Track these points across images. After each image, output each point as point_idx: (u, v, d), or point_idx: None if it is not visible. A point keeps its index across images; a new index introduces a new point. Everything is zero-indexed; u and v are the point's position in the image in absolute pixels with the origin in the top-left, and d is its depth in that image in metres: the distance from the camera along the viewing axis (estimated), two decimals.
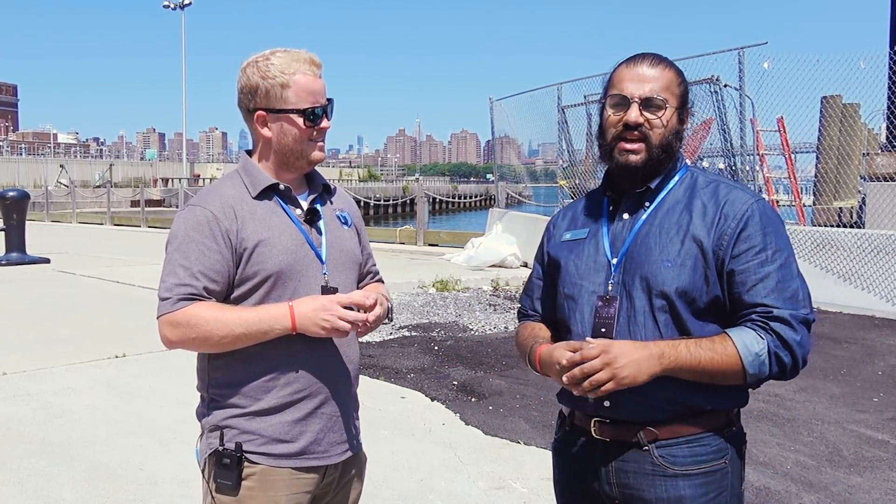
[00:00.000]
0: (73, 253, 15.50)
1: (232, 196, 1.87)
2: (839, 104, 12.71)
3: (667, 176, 1.78)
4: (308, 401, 1.89)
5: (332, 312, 1.78)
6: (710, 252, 1.67)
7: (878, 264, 9.06)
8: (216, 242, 1.81)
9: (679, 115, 1.76)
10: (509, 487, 4.04)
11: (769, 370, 1.62)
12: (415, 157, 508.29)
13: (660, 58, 1.76)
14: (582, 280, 1.79)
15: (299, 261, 1.87)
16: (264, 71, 1.85)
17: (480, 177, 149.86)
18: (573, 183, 13.59)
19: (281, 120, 1.87)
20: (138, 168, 70.35)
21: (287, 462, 1.87)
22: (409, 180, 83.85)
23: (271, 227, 1.86)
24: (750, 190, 1.77)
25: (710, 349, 1.61)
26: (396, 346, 7.41)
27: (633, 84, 1.72)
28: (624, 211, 1.80)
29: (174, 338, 1.81)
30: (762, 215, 1.69)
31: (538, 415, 5.26)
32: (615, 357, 1.56)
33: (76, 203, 31.71)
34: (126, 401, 5.46)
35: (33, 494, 3.87)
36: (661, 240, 1.71)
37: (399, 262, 14.18)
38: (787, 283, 1.65)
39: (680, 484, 1.69)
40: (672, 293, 1.67)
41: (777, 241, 1.68)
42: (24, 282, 11.49)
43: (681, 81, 1.76)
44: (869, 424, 5.09)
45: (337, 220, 2.01)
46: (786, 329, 1.61)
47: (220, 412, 1.89)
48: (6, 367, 6.23)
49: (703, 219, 1.70)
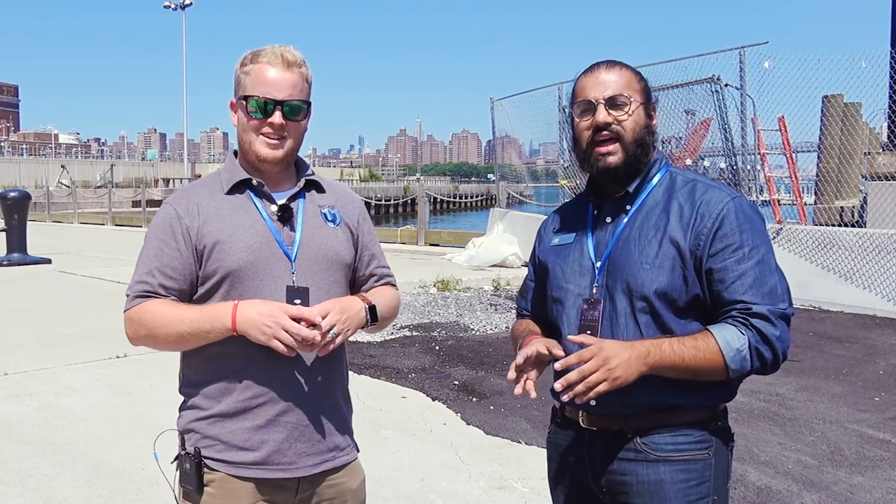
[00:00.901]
0: (74, 253, 15.52)
1: (202, 193, 1.85)
2: (841, 103, 12.71)
3: (646, 177, 1.82)
4: (268, 407, 1.79)
5: (276, 320, 1.67)
6: (688, 252, 1.71)
7: (879, 264, 9.05)
8: (174, 239, 1.79)
9: (646, 110, 1.80)
10: (510, 487, 4.03)
11: (750, 365, 1.65)
12: (416, 156, 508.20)
13: (614, 62, 1.83)
14: (568, 284, 1.85)
15: (262, 259, 1.78)
16: (242, 61, 1.85)
17: (481, 177, 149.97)
18: (574, 182, 13.59)
19: (238, 108, 1.84)
20: (139, 168, 70.40)
21: (248, 471, 1.79)
22: (410, 180, 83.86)
23: (235, 224, 1.80)
24: (727, 189, 1.80)
25: (692, 347, 1.65)
26: (397, 345, 7.41)
27: (594, 89, 1.78)
28: (607, 215, 1.84)
29: (130, 333, 1.81)
30: (738, 213, 1.71)
31: (539, 414, 5.26)
32: (608, 358, 1.60)
33: (77, 203, 31.73)
34: (127, 401, 5.46)
35: (35, 494, 3.87)
36: (641, 243, 1.75)
37: (400, 261, 14.18)
38: (765, 278, 1.68)
39: (661, 469, 1.73)
40: (651, 295, 1.71)
41: (754, 237, 1.70)
42: (26, 282, 11.50)
43: (639, 79, 1.82)
44: (870, 424, 5.08)
45: (320, 218, 1.90)
46: (765, 324, 1.64)
47: (188, 413, 1.85)
48: (7, 368, 6.24)
49: (679, 220, 1.74)
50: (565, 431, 1.90)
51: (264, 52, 1.81)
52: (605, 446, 1.79)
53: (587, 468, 1.83)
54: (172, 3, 51.38)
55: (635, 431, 1.75)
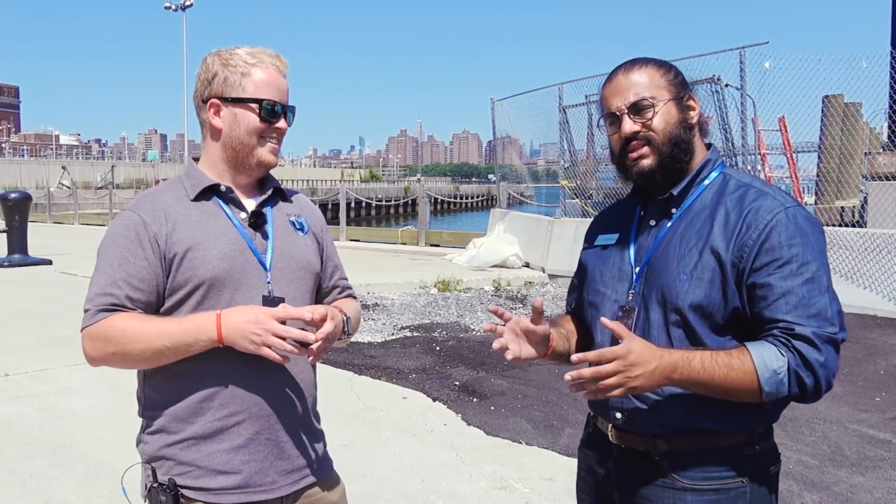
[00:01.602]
0: (75, 254, 15.51)
1: (166, 199, 1.73)
2: (841, 103, 12.70)
3: (695, 178, 1.70)
4: (248, 424, 1.69)
5: (264, 326, 1.57)
6: (729, 265, 1.58)
7: (880, 263, 9.05)
8: (142, 248, 1.66)
9: (679, 105, 1.67)
10: (511, 487, 4.03)
11: (787, 389, 1.51)
12: (416, 157, 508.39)
13: (633, 62, 1.72)
14: (605, 288, 1.76)
15: (237, 267, 1.69)
16: (226, 59, 1.74)
17: (482, 177, 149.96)
18: (575, 183, 13.59)
19: (235, 109, 1.73)
20: (140, 169, 70.37)
21: (229, 497, 1.67)
22: (410, 181, 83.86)
23: (207, 231, 1.69)
24: (783, 196, 1.63)
25: (725, 365, 1.51)
26: (398, 346, 7.41)
27: (616, 98, 1.68)
28: (651, 217, 1.73)
29: (93, 353, 1.64)
30: (789, 224, 1.56)
31: (540, 415, 5.26)
32: (632, 365, 1.47)
33: (78, 204, 31.73)
34: (128, 401, 5.42)
35: (35, 495, 3.87)
36: (681, 250, 1.63)
37: (401, 262, 14.19)
38: (814, 298, 1.53)
39: (688, 499, 1.62)
40: (686, 308, 1.59)
41: (805, 252, 1.55)
42: (27, 283, 11.50)
43: (665, 72, 1.69)
44: (871, 424, 5.08)
45: (290, 226, 1.83)
46: (809, 348, 1.50)
47: (155, 439, 1.71)
48: (8, 368, 6.25)
49: (724, 228, 1.60)
50: (596, 443, 1.82)
51: (260, 55, 1.75)
52: (632, 466, 1.70)
53: (614, 487, 1.75)
54: (173, 4, 51.38)
55: (663, 454, 1.65)
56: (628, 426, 1.68)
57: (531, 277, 11.94)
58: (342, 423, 4.87)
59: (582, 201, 13.42)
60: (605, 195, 13.45)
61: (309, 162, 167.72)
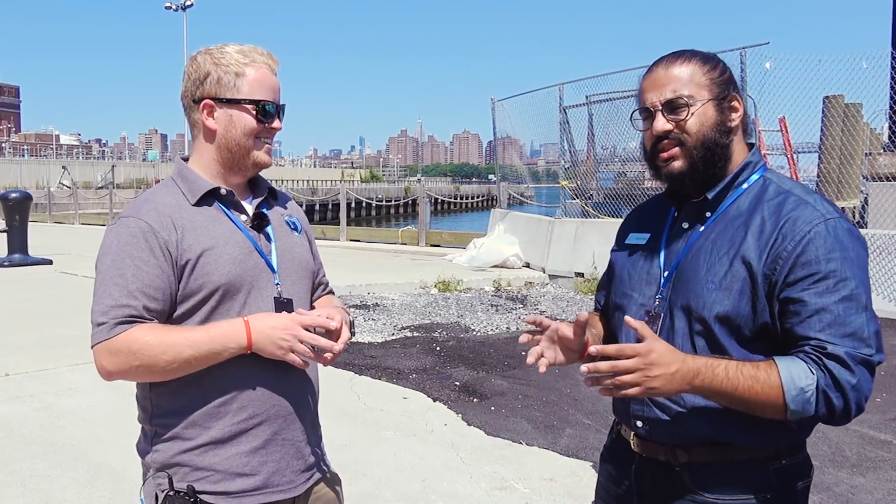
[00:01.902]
0: (75, 254, 15.51)
1: (168, 204, 1.68)
2: (841, 104, 12.69)
3: (733, 181, 1.61)
4: (266, 426, 1.70)
5: (292, 332, 1.60)
6: (760, 276, 1.49)
7: (880, 264, 9.05)
8: (154, 256, 1.62)
9: (719, 106, 1.58)
10: (511, 488, 4.03)
11: (815, 409, 1.43)
12: (417, 157, 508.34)
13: (677, 55, 1.62)
14: (632, 291, 1.69)
15: (248, 270, 1.69)
16: (218, 58, 1.70)
17: (482, 177, 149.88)
18: (575, 183, 13.59)
19: (231, 110, 1.70)
20: (140, 169, 70.33)
21: (249, 499, 1.68)
22: (411, 181, 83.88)
23: (215, 236, 1.68)
24: (826, 205, 1.53)
25: (750, 377, 1.43)
26: (398, 346, 7.41)
27: (653, 93, 1.59)
28: (685, 220, 1.65)
29: (113, 367, 1.59)
30: (828, 237, 1.46)
31: (540, 415, 5.26)
32: (651, 364, 1.41)
33: (78, 204, 31.72)
34: (128, 401, 5.42)
35: (36, 495, 3.87)
36: (711, 258, 1.55)
37: (401, 262, 14.18)
38: (850, 317, 1.43)
39: None
40: (711, 319, 1.52)
41: (843, 268, 1.45)
42: (27, 283, 11.51)
43: (709, 69, 1.59)
44: (872, 425, 5.08)
45: (286, 226, 1.84)
46: (841, 369, 1.41)
47: (167, 446, 1.68)
48: (9, 368, 6.25)
49: (758, 238, 1.51)
50: (618, 450, 1.77)
51: (252, 53, 1.72)
52: (652, 476, 1.65)
53: (634, 495, 1.70)
54: (173, 4, 51.39)
55: (684, 465, 1.59)
56: (649, 435, 1.64)
57: (531, 278, 11.93)
58: (342, 423, 4.87)
59: (582, 202, 13.43)
60: (606, 196, 13.46)
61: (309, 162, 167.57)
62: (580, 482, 4.11)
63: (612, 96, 13.06)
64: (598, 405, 5.41)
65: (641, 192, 12.60)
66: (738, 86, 1.62)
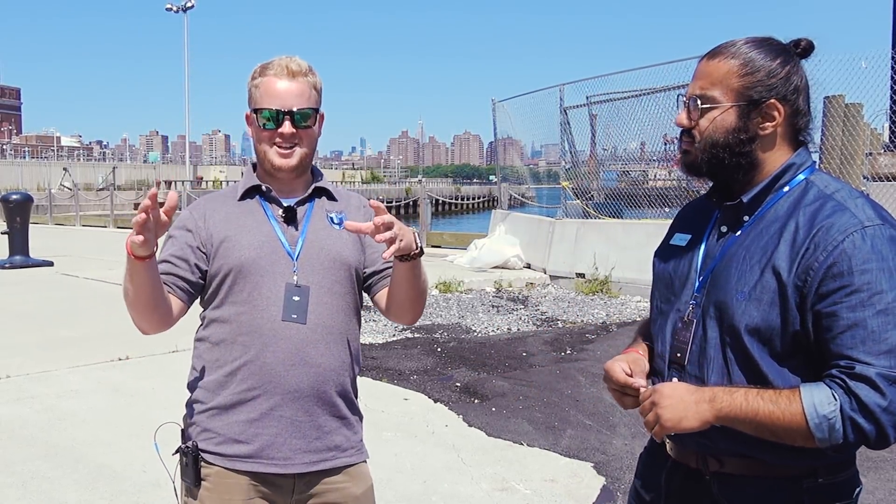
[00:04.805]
0: (76, 256, 15.53)
1: (215, 198, 1.99)
2: (842, 104, 12.68)
3: (772, 185, 1.52)
4: (261, 400, 1.84)
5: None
6: (791, 287, 1.41)
7: None
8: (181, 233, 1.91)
9: (744, 113, 1.49)
10: (512, 489, 4.03)
11: (843, 436, 1.34)
12: (418, 158, 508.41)
13: (724, 48, 1.53)
14: (671, 294, 1.64)
15: (264, 256, 1.86)
16: (252, 75, 1.93)
17: (483, 178, 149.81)
18: (576, 184, 13.59)
19: (252, 120, 1.92)
20: (141, 170, 70.36)
21: (242, 464, 1.83)
22: (412, 182, 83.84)
23: (242, 225, 1.90)
24: (867, 212, 1.43)
25: (771, 402, 1.37)
26: (399, 347, 7.41)
27: (692, 83, 1.55)
28: (724, 223, 1.58)
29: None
30: (863, 247, 1.37)
31: (541, 416, 5.26)
32: (659, 398, 1.43)
33: (79, 206, 31.73)
34: (129, 403, 5.46)
35: (36, 497, 3.87)
36: (743, 265, 1.48)
37: None
38: (885, 333, 1.34)
39: None
40: (741, 330, 1.46)
41: (880, 280, 1.36)
42: (28, 285, 11.50)
43: (746, 72, 1.49)
44: None
45: (326, 220, 1.94)
46: (868, 391, 1.32)
47: (191, 408, 1.93)
48: (10, 370, 6.25)
49: (790, 246, 1.43)
50: (654, 452, 1.74)
51: (272, 65, 1.88)
52: (683, 482, 1.61)
53: (662, 499, 1.67)
54: (174, 6, 51.45)
55: (713, 475, 1.54)
56: (678, 441, 1.61)
57: (532, 278, 11.93)
58: None
59: (583, 202, 13.41)
60: (607, 196, 13.45)
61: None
62: (581, 483, 4.11)
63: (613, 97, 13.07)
64: (598, 406, 5.41)
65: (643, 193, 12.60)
66: (792, 89, 1.51)
